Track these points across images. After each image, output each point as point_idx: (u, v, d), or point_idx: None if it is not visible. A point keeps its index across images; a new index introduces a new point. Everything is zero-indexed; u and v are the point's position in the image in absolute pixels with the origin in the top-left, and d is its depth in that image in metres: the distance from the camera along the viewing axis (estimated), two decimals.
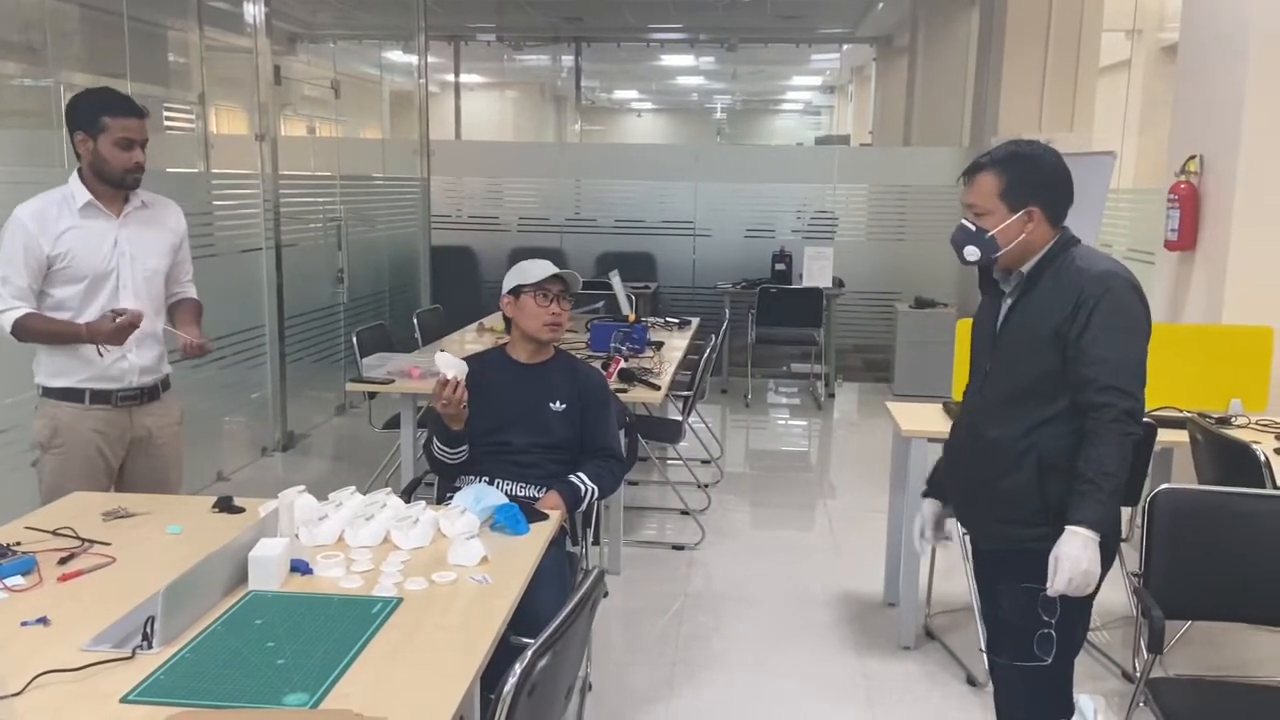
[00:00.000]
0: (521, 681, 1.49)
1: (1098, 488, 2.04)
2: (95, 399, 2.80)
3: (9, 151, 6.36)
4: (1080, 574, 2.04)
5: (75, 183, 2.78)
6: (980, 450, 2.26)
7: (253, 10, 5.89)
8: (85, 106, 2.76)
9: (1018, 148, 2.22)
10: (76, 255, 2.73)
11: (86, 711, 1.50)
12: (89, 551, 2.11)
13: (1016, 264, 2.20)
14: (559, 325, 2.83)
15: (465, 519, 2.23)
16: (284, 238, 5.89)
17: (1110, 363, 2.06)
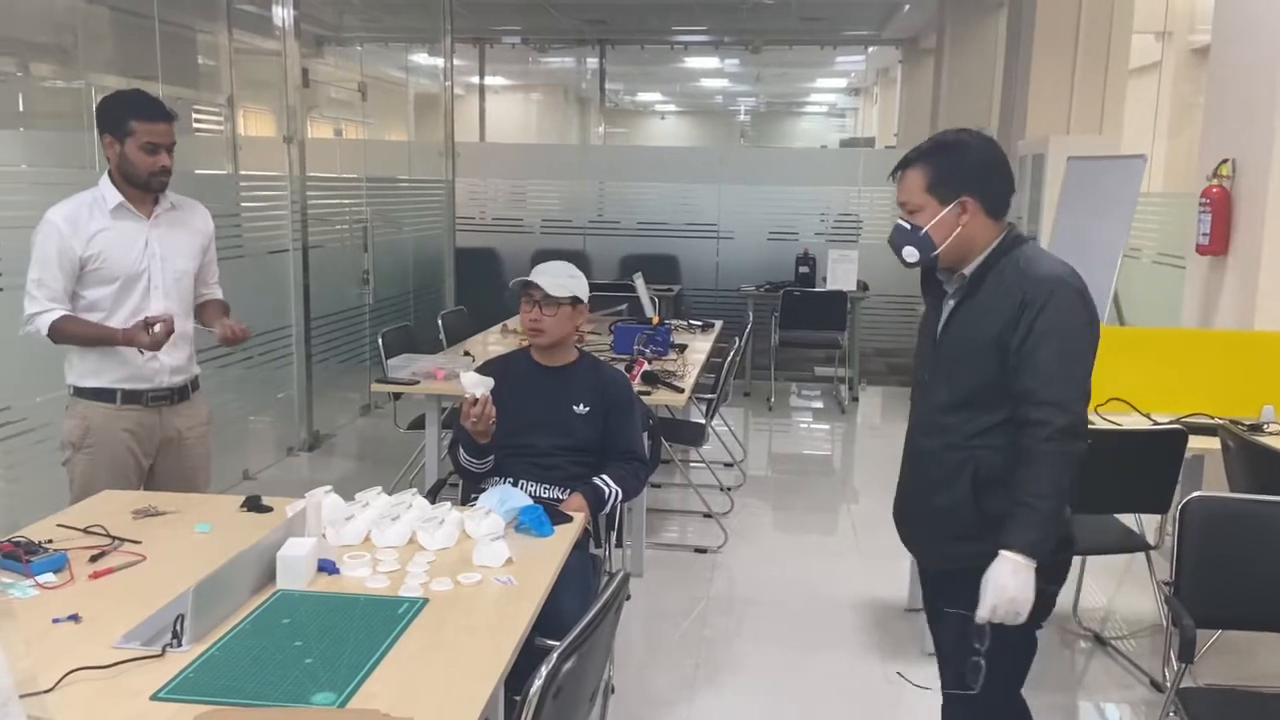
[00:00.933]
0: (547, 684, 1.49)
1: (1030, 509, 1.91)
2: (126, 399, 2.83)
3: (41, 152, 6.45)
4: (1007, 601, 1.92)
5: (106, 184, 2.81)
6: (916, 462, 2.16)
7: (281, 13, 5.94)
8: (113, 109, 2.79)
9: (944, 137, 2.08)
10: (108, 257, 2.76)
11: (117, 708, 1.52)
12: (119, 549, 2.13)
13: (958, 263, 2.07)
14: (539, 331, 2.80)
15: (490, 520, 2.23)
16: (311, 239, 5.94)
17: (1050, 374, 1.92)
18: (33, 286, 2.75)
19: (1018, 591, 1.91)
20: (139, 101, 2.80)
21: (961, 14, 9.74)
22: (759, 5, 10.11)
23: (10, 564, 1.98)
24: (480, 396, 2.55)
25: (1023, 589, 1.92)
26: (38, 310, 2.74)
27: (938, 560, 2.17)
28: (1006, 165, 2.08)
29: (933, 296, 2.18)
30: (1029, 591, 1.92)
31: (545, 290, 2.76)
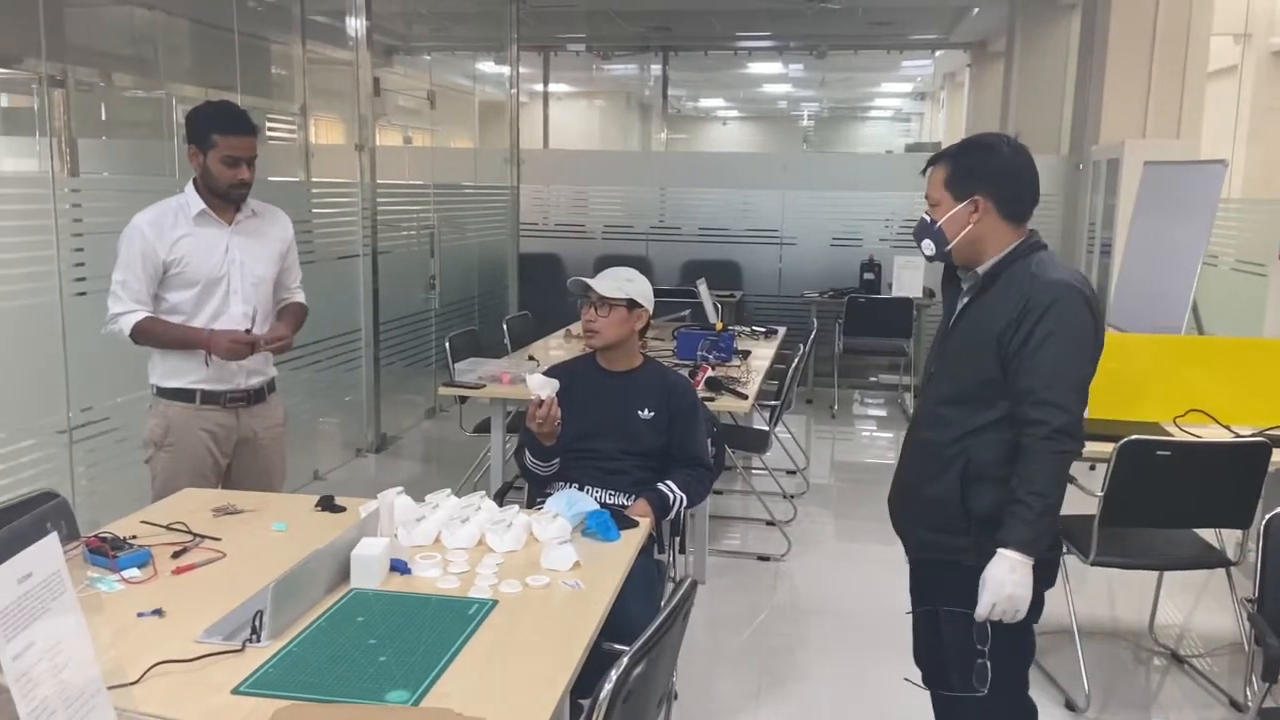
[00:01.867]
0: (617, 689, 1.50)
1: (1027, 507, 1.96)
2: (205, 400, 2.91)
3: (124, 160, 6.68)
4: (1005, 599, 1.97)
5: (190, 191, 2.90)
6: (913, 452, 2.24)
7: (354, 24, 6.07)
8: (198, 121, 2.88)
9: (974, 139, 2.17)
10: (190, 261, 2.85)
11: (199, 701, 1.56)
12: (200, 546, 2.20)
13: (971, 261, 2.13)
14: (594, 332, 2.82)
15: (557, 524, 2.25)
16: (380, 245, 6.05)
17: (1049, 375, 1.97)
18: (117, 287, 2.85)
19: (1016, 589, 1.96)
20: (223, 114, 2.88)
21: (1033, 16, 9.56)
22: (824, 10, 10.05)
23: (98, 559, 2.05)
24: (546, 398, 2.58)
25: (1021, 586, 1.97)
26: (121, 310, 2.83)
27: (919, 549, 2.23)
28: (1031, 173, 2.12)
29: (950, 294, 2.24)
30: (1027, 589, 1.97)
31: (598, 291, 2.78)
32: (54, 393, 3.67)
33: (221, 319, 2.90)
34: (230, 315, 2.91)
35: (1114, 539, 3.11)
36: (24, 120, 9.07)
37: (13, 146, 8.68)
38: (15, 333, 3.54)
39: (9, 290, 3.54)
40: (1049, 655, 3.46)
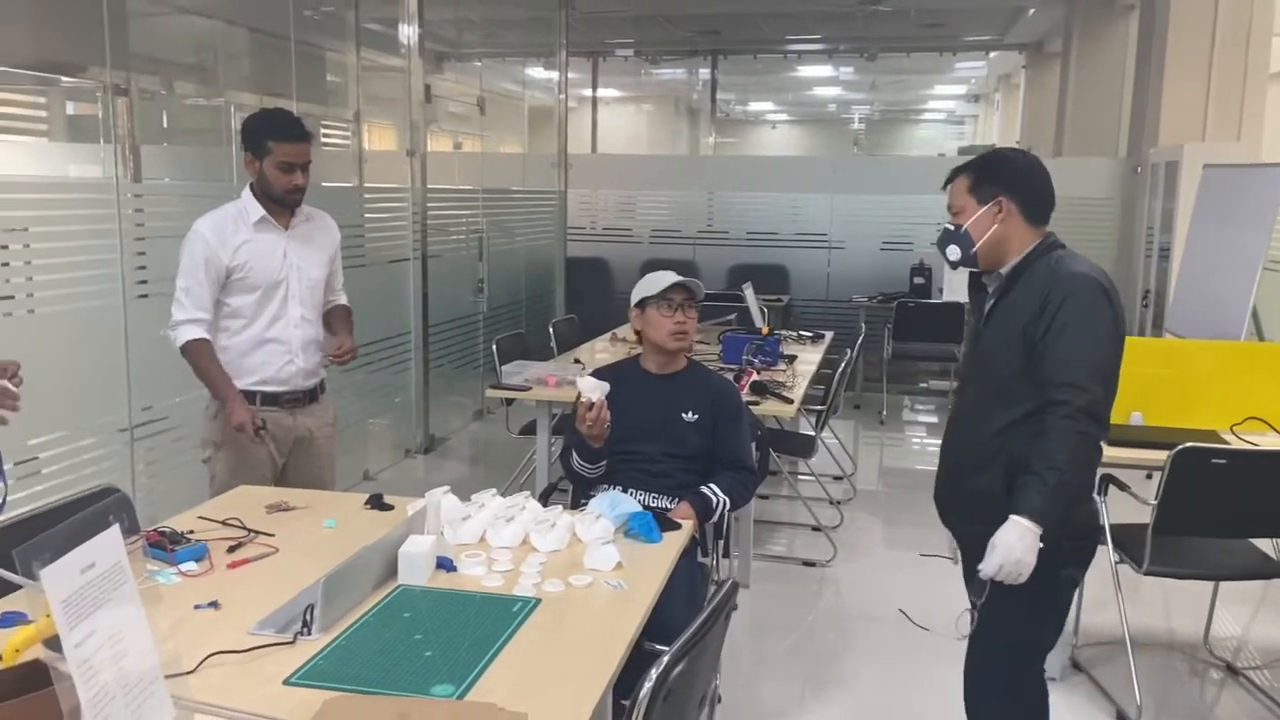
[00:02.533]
0: (657, 687, 1.51)
1: (1041, 479, 2.04)
2: (265, 400, 2.98)
3: (184, 166, 6.84)
4: (1012, 562, 2.05)
5: (249, 198, 2.96)
6: (956, 450, 2.35)
7: (407, 31, 6.15)
8: (253, 129, 2.94)
9: (992, 151, 2.33)
10: (253, 266, 2.92)
11: (252, 691, 1.61)
12: (255, 541, 2.25)
13: (995, 263, 2.25)
14: (685, 334, 2.84)
15: (600, 524, 2.27)
16: (430, 249, 6.13)
17: (1070, 359, 2.06)
18: (181, 294, 2.90)
19: (1023, 554, 2.05)
20: (277, 121, 2.93)
21: (1090, 17, 9.42)
22: (875, 13, 9.98)
23: (156, 552, 2.12)
24: (596, 400, 2.60)
25: (1027, 552, 2.04)
26: (183, 319, 2.89)
27: (971, 539, 2.27)
28: (1047, 178, 2.25)
29: (977, 298, 2.36)
30: (1032, 555, 2.05)
31: (693, 291, 2.80)
32: (116, 392, 3.78)
33: (280, 322, 2.97)
34: (289, 318, 2.99)
35: (1168, 548, 3.05)
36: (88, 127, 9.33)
37: (78, 153, 8.94)
38: (81, 333, 3.65)
39: (76, 292, 3.65)
40: (1100, 665, 3.41)
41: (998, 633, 2.24)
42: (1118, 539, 3.16)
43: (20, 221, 3.48)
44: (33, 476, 3.39)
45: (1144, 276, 6.81)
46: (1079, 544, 2.21)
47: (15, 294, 3.47)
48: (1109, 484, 3.22)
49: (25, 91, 8.31)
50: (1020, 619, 2.21)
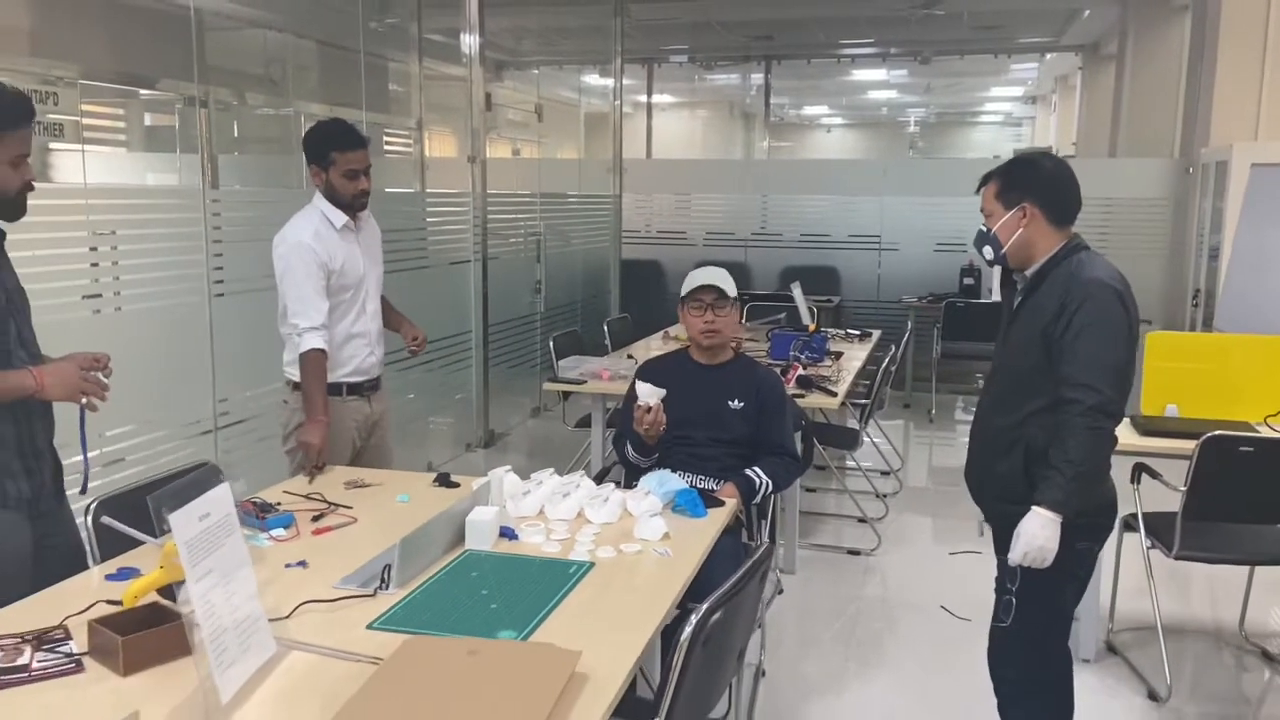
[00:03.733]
0: (697, 631, 1.70)
1: (1060, 473, 2.22)
2: (350, 391, 3.20)
3: (255, 173, 7.19)
4: (1036, 549, 2.23)
5: (326, 205, 3.12)
6: (983, 436, 2.50)
7: (468, 40, 6.40)
8: (315, 142, 3.11)
9: (1020, 156, 2.46)
10: (346, 268, 3.13)
11: (340, 634, 1.82)
12: (335, 512, 2.48)
13: (1023, 264, 2.40)
14: (715, 331, 3.01)
15: (649, 500, 2.46)
16: (489, 251, 6.38)
17: (1084, 361, 2.22)
18: (303, 302, 3.03)
19: (1045, 541, 2.23)
20: (336, 132, 3.11)
21: (1145, 18, 9.37)
22: (929, 17, 10.04)
23: (250, 520, 2.35)
24: (654, 405, 2.81)
25: (1050, 539, 2.23)
26: (308, 326, 3.02)
27: (998, 517, 2.43)
28: (1072, 182, 2.37)
29: (1007, 296, 2.50)
30: (1054, 542, 2.23)
31: (722, 290, 2.97)
32: (199, 386, 4.05)
33: (362, 318, 3.20)
34: (367, 313, 3.23)
35: (1199, 534, 3.15)
36: (164, 137, 9.77)
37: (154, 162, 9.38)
38: (164, 330, 3.90)
39: (160, 291, 3.89)
40: (1134, 649, 3.51)
41: (1025, 612, 2.37)
42: (1150, 525, 3.27)
43: (109, 225, 3.76)
44: (118, 463, 3.65)
45: (1194, 276, 6.81)
46: (1094, 520, 2.36)
47: (104, 293, 3.75)
48: (1141, 472, 3.33)
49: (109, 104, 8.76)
50: (1044, 596, 2.36)
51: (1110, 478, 2.40)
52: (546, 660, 1.64)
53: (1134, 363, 2.30)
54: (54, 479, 2.30)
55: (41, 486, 2.24)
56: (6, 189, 2.14)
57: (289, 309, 3.07)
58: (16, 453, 2.19)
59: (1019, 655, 2.45)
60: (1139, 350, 2.92)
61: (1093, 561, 2.45)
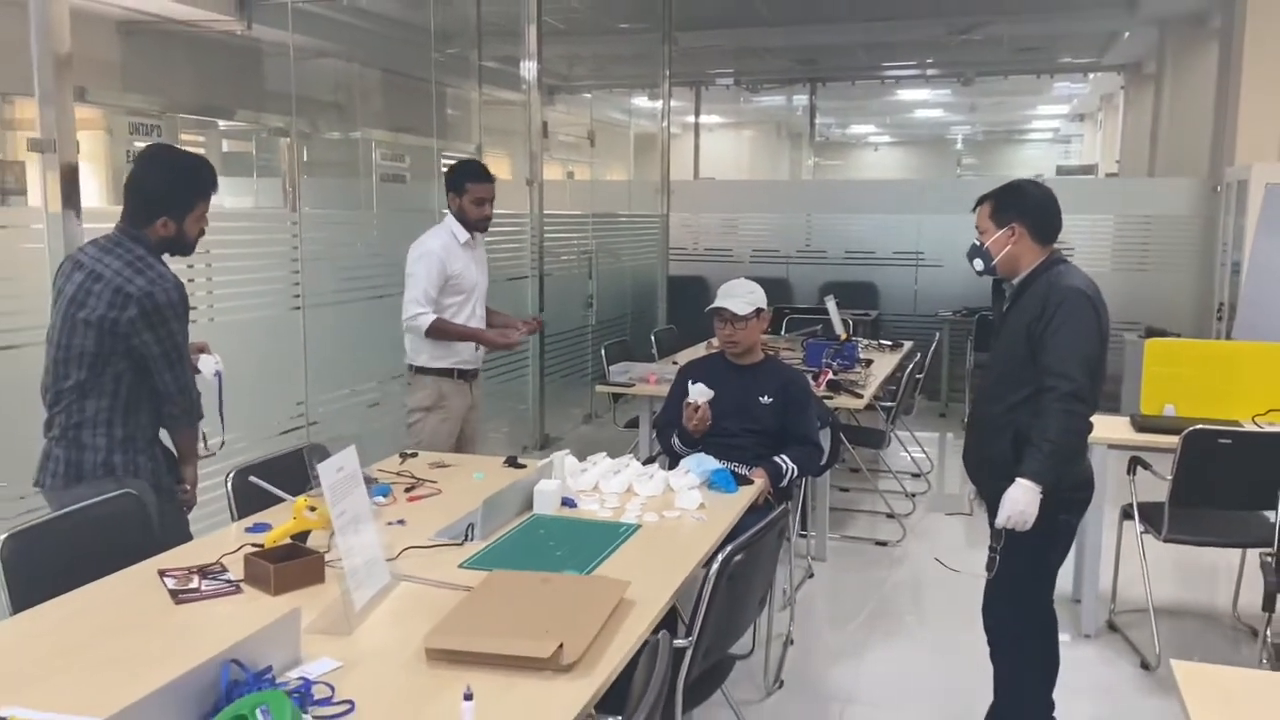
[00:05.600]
0: (723, 568, 2.12)
1: (1038, 449, 2.60)
2: (460, 375, 3.89)
3: (328, 196, 7.76)
4: (1018, 514, 2.59)
5: (455, 225, 3.84)
6: (978, 422, 2.88)
7: (526, 67, 6.88)
8: (456, 174, 3.88)
9: (1012, 183, 2.85)
10: (463, 276, 3.82)
11: (438, 571, 2.27)
12: (423, 485, 2.94)
13: (1010, 273, 2.80)
14: (735, 342, 3.49)
15: (689, 477, 2.89)
16: (545, 268, 6.85)
17: (1060, 354, 2.60)
18: (420, 295, 3.76)
19: (1026, 506, 2.60)
20: (472, 168, 3.89)
21: (1182, 40, 9.62)
22: (969, 40, 10.37)
23: None
24: (703, 404, 3.25)
25: (1030, 505, 2.59)
26: (419, 311, 3.75)
27: (990, 491, 2.79)
28: (1054, 207, 2.76)
29: (997, 303, 2.87)
30: (1034, 507, 2.60)
31: (734, 311, 3.40)
32: (287, 390, 4.51)
33: (474, 319, 3.92)
34: (477, 316, 3.92)
35: (1187, 520, 3.49)
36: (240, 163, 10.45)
37: (232, 186, 10.04)
38: (254, 340, 4.34)
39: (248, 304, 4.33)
40: (1132, 628, 3.84)
41: (1011, 567, 2.74)
42: (1143, 512, 3.62)
43: (204, 245, 4.26)
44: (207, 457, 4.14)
45: (1219, 290, 7.07)
46: (1073, 494, 2.74)
47: (199, 305, 4.25)
48: (1137, 465, 3.68)
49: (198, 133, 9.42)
50: (1028, 557, 2.73)
51: (1087, 459, 2.78)
52: (603, 587, 2.07)
53: (1105, 357, 2.68)
54: (166, 460, 2.80)
55: (158, 463, 2.74)
56: (190, 238, 2.73)
57: (406, 297, 3.77)
58: (149, 435, 2.71)
59: (1003, 605, 2.84)
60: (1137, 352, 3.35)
61: (1071, 532, 2.81)
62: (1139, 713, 3.31)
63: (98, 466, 2.61)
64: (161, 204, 2.63)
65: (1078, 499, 2.77)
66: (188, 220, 2.66)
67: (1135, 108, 12.62)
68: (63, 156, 3.09)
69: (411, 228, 5.82)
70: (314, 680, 1.71)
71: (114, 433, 2.62)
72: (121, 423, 2.63)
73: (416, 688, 1.73)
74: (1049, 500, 2.61)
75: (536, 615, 1.93)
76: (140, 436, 2.67)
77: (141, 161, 2.70)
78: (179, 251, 2.73)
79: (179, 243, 2.69)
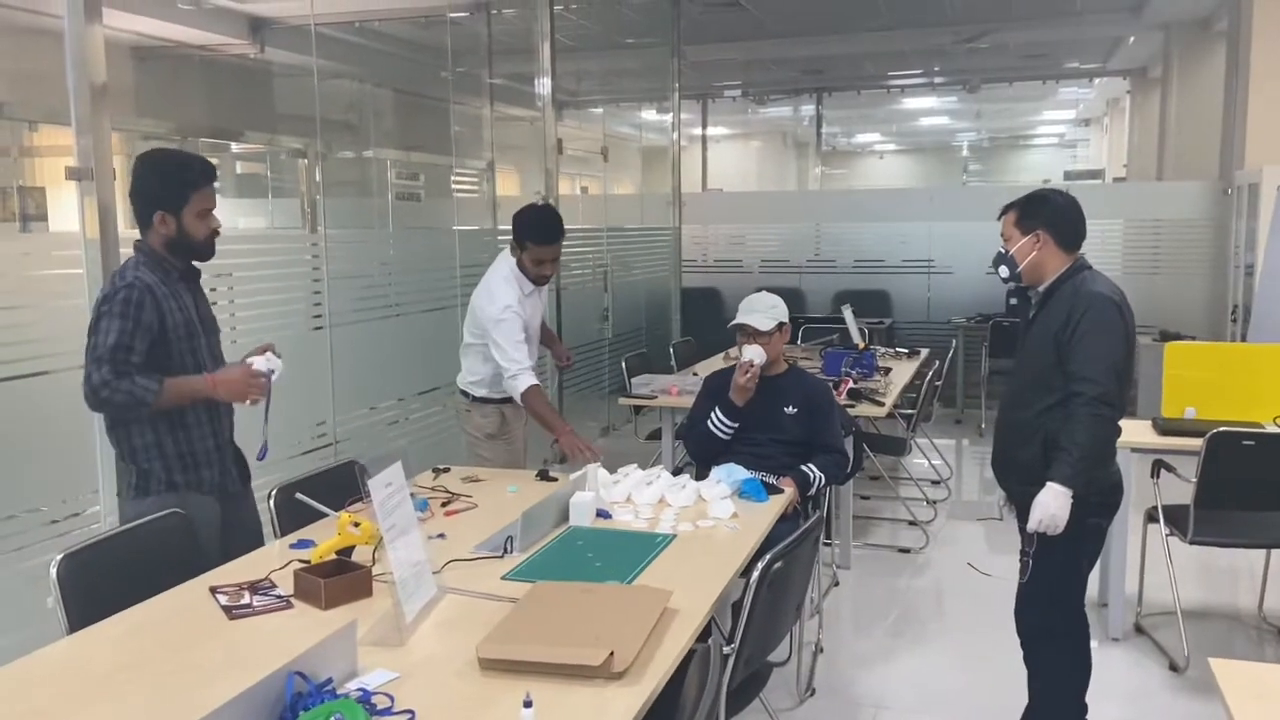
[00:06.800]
0: (764, 574, 2.16)
1: (1068, 454, 2.64)
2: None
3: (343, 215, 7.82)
4: (1049, 518, 2.63)
5: (518, 273, 3.77)
6: (1006, 428, 2.90)
7: (541, 84, 6.95)
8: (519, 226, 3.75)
9: (1035, 192, 2.89)
10: (530, 322, 3.82)
11: (482, 583, 2.31)
12: (458, 500, 2.99)
13: (1035, 281, 2.83)
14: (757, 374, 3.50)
15: (720, 487, 2.93)
16: (561, 282, 6.91)
17: (1087, 359, 2.64)
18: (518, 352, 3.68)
19: (1057, 510, 2.63)
20: (537, 226, 3.74)
21: (1187, 43, 9.67)
22: (974, 49, 10.43)
23: None
24: (758, 363, 3.37)
25: (1061, 509, 2.63)
26: (519, 369, 3.68)
27: (1019, 497, 2.83)
28: (1079, 215, 2.80)
29: (1023, 310, 2.91)
30: (1065, 512, 2.63)
31: (755, 327, 3.45)
32: (314, 411, 4.56)
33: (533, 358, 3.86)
34: (533, 355, 3.88)
35: (1213, 522, 3.52)
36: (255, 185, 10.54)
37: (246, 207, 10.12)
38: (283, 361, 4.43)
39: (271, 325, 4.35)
40: (1159, 630, 3.86)
41: (1043, 571, 2.78)
42: (1168, 515, 3.64)
43: (227, 267, 4.31)
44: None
45: (1233, 292, 7.09)
46: (1103, 498, 2.78)
47: (222, 325, 4.32)
48: (1160, 468, 3.71)
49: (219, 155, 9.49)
50: (1060, 560, 2.76)
51: (1116, 463, 2.82)
52: (646, 596, 2.11)
53: (1132, 361, 2.74)
54: (237, 467, 2.86)
55: (225, 473, 2.80)
56: (195, 235, 2.72)
57: (504, 355, 3.69)
58: (208, 446, 2.75)
59: (1036, 608, 2.87)
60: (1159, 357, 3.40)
61: (1102, 535, 2.85)
62: (1170, 715, 3.33)
63: (160, 484, 2.67)
64: (155, 200, 2.67)
65: (1108, 503, 2.80)
66: (185, 215, 2.68)
67: (1142, 112, 12.67)
68: (100, 184, 3.16)
69: (427, 246, 5.90)
70: (373, 691, 1.75)
71: (165, 451, 2.68)
72: (171, 439, 2.68)
73: (474, 696, 1.78)
74: (1079, 504, 2.64)
75: (584, 624, 1.97)
76: (199, 449, 2.72)
77: (134, 166, 2.74)
78: (193, 253, 2.75)
79: (185, 241, 2.70)
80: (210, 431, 2.76)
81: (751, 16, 9.16)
